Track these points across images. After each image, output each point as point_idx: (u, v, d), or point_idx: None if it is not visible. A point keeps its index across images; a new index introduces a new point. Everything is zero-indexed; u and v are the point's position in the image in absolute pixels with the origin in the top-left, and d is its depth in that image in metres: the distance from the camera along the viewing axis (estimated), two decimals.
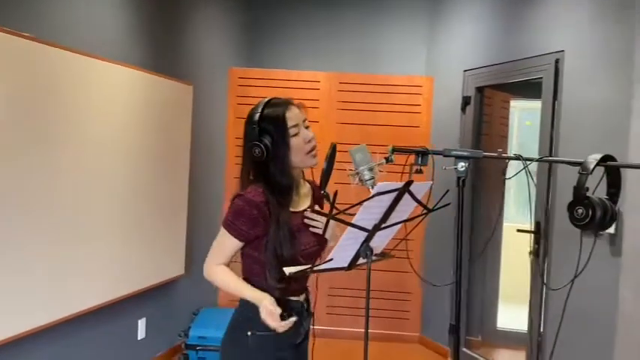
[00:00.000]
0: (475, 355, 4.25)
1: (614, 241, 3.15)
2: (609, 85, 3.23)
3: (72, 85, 2.89)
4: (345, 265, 1.62)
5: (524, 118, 5.75)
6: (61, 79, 2.81)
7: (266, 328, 1.77)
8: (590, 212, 1.53)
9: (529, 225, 3.60)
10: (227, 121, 4.82)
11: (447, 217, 4.39)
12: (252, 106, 1.91)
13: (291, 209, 1.89)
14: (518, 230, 3.76)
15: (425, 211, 1.71)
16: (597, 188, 1.61)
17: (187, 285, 4.26)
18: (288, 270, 1.65)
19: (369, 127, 4.75)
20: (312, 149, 1.90)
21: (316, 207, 2.01)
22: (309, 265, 1.71)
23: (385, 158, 1.82)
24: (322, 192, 1.98)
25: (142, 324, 3.75)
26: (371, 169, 1.82)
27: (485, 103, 4.38)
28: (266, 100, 1.88)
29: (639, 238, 2.95)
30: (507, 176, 3.54)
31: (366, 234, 1.54)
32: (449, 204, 1.73)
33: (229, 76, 4.81)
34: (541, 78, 3.63)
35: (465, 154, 1.70)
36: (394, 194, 1.48)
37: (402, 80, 4.76)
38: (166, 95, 3.78)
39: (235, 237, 1.79)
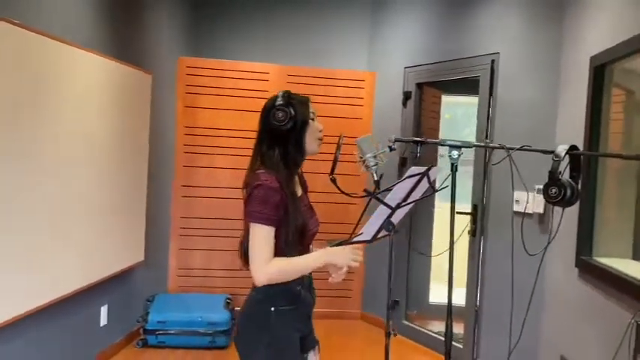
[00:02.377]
0: (415, 326, 4.68)
1: (543, 219, 3.67)
2: (539, 85, 3.73)
3: (37, 69, 2.79)
4: (369, 238, 1.87)
5: (444, 111, 6.29)
6: (23, 61, 2.67)
7: (287, 302, 1.97)
8: (562, 191, 1.90)
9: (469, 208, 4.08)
10: (176, 110, 4.87)
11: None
12: (269, 98, 2.06)
13: None
14: (458, 212, 4.20)
15: (431, 192, 1.99)
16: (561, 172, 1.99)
17: (145, 271, 4.31)
18: (330, 242, 1.87)
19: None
20: (321, 138, 2.10)
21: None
22: (341, 240, 1.93)
23: (388, 147, 2.07)
24: (330, 177, 2.17)
25: (104, 311, 3.78)
26: (375, 157, 2.06)
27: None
28: (285, 91, 2.05)
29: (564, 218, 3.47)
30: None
31: (389, 211, 1.80)
32: (447, 186, 2.03)
33: (178, 66, 4.86)
34: (478, 76, 4.08)
35: (458, 143, 2.00)
36: (417, 177, 1.75)
37: (346, 74, 5.06)
38: (128, 83, 3.80)
39: (270, 224, 1.86)
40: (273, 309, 1.94)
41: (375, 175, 2.11)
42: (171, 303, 4.31)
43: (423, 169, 1.83)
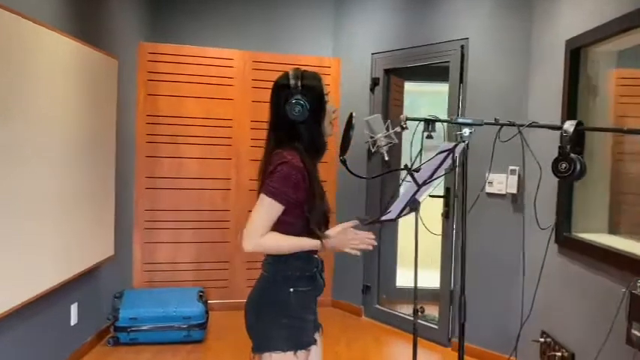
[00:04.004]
0: (387, 310, 4.74)
1: (517, 199, 3.79)
2: (509, 69, 3.83)
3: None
4: (394, 216, 1.85)
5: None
6: None
7: (304, 284, 1.97)
8: (572, 166, 1.96)
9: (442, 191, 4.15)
10: (137, 97, 4.66)
11: (355, 186, 4.79)
12: (281, 76, 2.00)
13: None
14: (431, 195, 4.28)
15: (451, 169, 1.99)
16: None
17: (114, 267, 4.12)
18: (361, 219, 1.84)
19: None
20: (334, 119, 2.07)
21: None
22: (371, 218, 1.90)
23: (400, 126, 2.06)
24: (341, 158, 2.15)
25: (74, 309, 3.58)
26: (387, 137, 2.05)
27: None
28: (296, 69, 1.99)
29: (532, 199, 3.59)
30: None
31: (415, 189, 1.79)
32: (457, 167, 2.04)
33: (139, 51, 4.65)
34: (448, 62, 4.14)
35: (469, 121, 2.02)
36: (445, 154, 1.75)
37: (311, 60, 5.01)
38: (95, 68, 3.59)
39: (281, 202, 1.85)
40: (292, 290, 1.95)
41: (385, 154, 2.10)
42: (142, 298, 4.14)
43: (452, 144, 1.83)
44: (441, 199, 4.20)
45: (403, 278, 5.31)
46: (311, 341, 1.98)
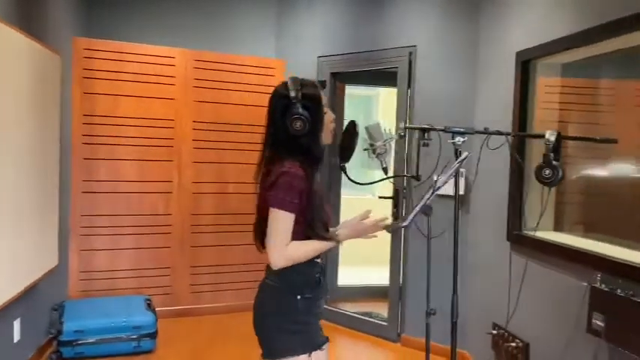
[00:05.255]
0: (334, 309, 4.81)
1: (464, 200, 4.00)
2: (456, 76, 4.04)
3: None
4: (407, 223, 1.92)
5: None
6: None
7: (311, 290, 2.00)
8: (555, 172, 2.13)
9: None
10: (72, 96, 4.37)
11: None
12: (280, 85, 2.00)
13: None
14: (380, 197, 4.42)
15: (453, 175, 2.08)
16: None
17: (51, 277, 3.84)
18: (386, 224, 1.87)
19: (224, 106, 4.86)
20: (333, 129, 2.10)
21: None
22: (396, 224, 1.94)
23: (398, 134, 2.13)
24: (340, 165, 2.17)
25: (17, 325, 3.30)
26: (385, 144, 2.11)
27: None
28: (294, 78, 1.99)
29: (481, 200, 3.84)
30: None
31: (429, 196, 1.86)
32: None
33: (73, 47, 4.36)
34: (396, 68, 4.29)
35: (462, 130, 2.13)
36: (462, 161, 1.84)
37: (254, 61, 4.97)
38: (38, 63, 3.33)
39: (292, 211, 1.87)
40: (299, 297, 1.97)
41: (383, 162, 2.16)
42: (86, 309, 3.91)
43: (466, 154, 1.92)
44: (390, 200, 4.35)
45: (345, 277, 5.42)
46: (322, 341, 2.03)
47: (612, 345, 2.43)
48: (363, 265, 5.36)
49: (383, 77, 4.61)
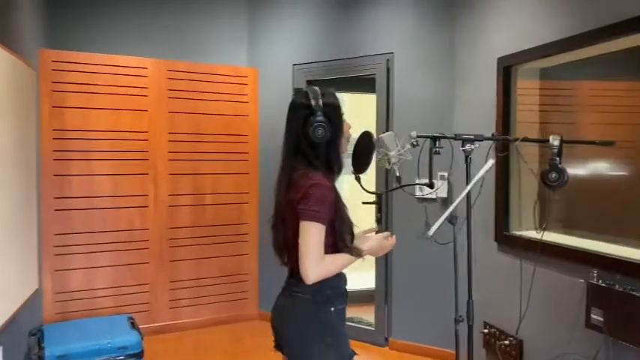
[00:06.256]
0: None
1: (446, 202, 4.08)
2: (435, 83, 4.12)
3: None
4: (431, 234, 1.93)
5: None
6: None
7: (342, 302, 2.02)
8: (561, 176, 2.21)
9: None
10: (41, 110, 4.18)
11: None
12: (298, 95, 2.00)
13: None
14: (363, 202, 4.44)
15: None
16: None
17: (30, 302, 3.66)
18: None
19: (200, 117, 4.78)
20: (350, 136, 2.10)
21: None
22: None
23: (411, 144, 2.15)
24: (355, 177, 2.17)
25: (0, 354, 3.12)
26: (399, 154, 2.13)
27: None
28: (313, 88, 1.98)
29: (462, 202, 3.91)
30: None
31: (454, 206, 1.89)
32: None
33: (41, 59, 4.17)
34: (374, 75, 4.33)
35: (471, 137, 2.18)
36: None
37: (227, 70, 4.91)
38: (15, 76, 3.17)
39: (324, 224, 1.85)
40: (333, 309, 1.98)
41: (397, 171, 2.18)
42: (67, 332, 3.74)
43: (492, 162, 1.95)
44: (373, 206, 4.38)
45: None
46: (352, 352, 2.03)
47: (612, 338, 2.53)
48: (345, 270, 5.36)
49: (360, 84, 4.64)
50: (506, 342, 3.37)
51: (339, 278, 2.02)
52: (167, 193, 4.67)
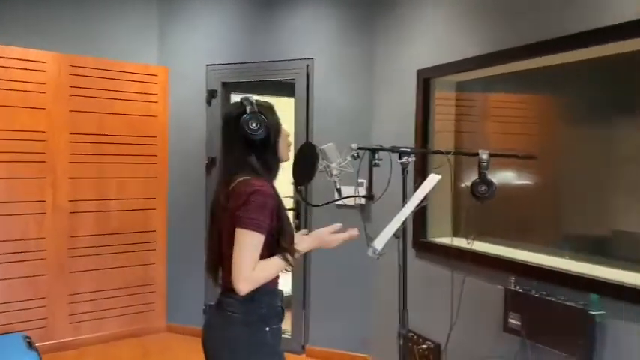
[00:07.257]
0: None
1: (364, 209, 4.13)
2: (354, 91, 4.16)
3: None
4: (379, 251, 1.91)
5: None
6: None
7: (277, 321, 1.95)
8: (489, 188, 2.30)
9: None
10: None
11: (190, 205, 4.65)
12: (231, 106, 1.97)
13: None
14: None
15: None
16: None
17: None
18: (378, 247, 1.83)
19: (105, 116, 4.46)
20: (290, 144, 2.04)
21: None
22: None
23: (352, 156, 2.14)
24: (297, 189, 2.12)
25: None
26: (340, 166, 2.10)
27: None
28: (246, 97, 1.91)
29: (380, 208, 3.99)
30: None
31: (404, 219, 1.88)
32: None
33: None
34: (294, 79, 4.29)
35: (408, 150, 2.21)
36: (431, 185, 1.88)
37: (136, 68, 4.62)
38: None
39: (261, 232, 1.78)
40: (268, 329, 1.91)
41: (337, 183, 2.15)
42: None
43: (437, 177, 1.97)
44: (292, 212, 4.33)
45: None
46: None
47: (529, 341, 2.68)
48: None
49: (278, 87, 4.57)
50: (424, 346, 3.47)
51: (275, 295, 1.95)
52: (67, 199, 4.30)
